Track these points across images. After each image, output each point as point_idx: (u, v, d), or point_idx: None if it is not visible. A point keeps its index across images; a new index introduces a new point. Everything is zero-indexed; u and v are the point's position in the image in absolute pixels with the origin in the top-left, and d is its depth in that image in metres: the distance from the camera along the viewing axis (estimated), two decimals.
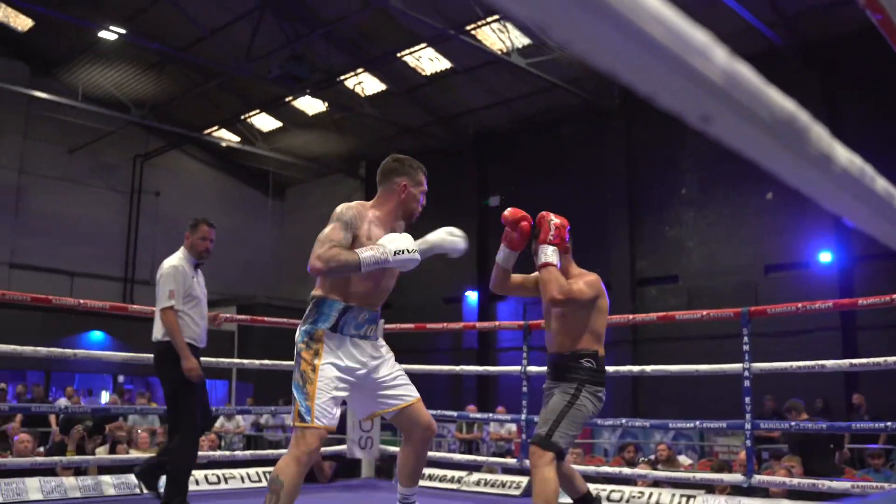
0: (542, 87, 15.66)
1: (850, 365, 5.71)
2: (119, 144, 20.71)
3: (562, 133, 16.90)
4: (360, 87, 17.48)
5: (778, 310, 5.68)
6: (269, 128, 20.23)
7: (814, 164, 0.81)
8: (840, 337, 12.51)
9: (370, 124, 18.78)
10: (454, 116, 18.10)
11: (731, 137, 0.72)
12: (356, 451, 6.90)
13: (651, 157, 15.38)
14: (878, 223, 1.01)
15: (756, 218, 13.92)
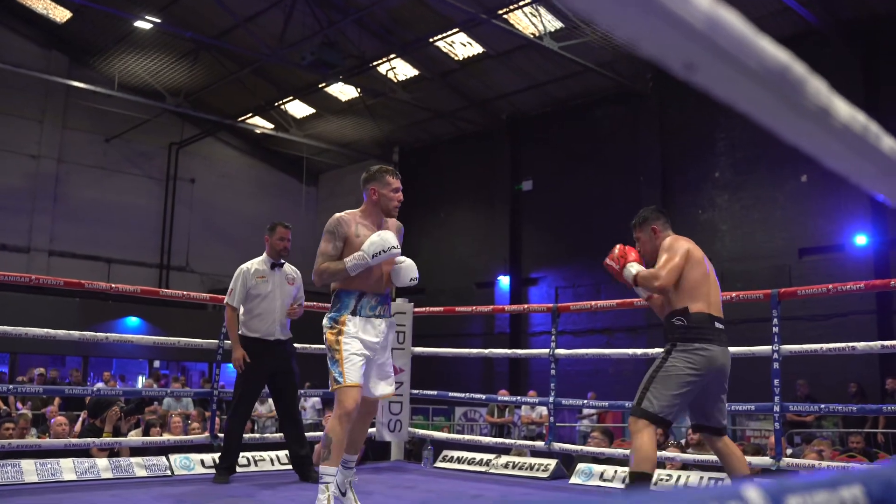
0: (575, 70, 15.55)
1: (882, 347, 5.61)
2: (154, 132, 20.90)
3: (594, 116, 16.78)
4: (393, 72, 17.47)
5: (809, 291, 5.61)
6: (302, 114, 20.30)
7: (811, 117, 0.78)
8: (875, 320, 12.33)
9: (403, 109, 18.78)
10: (487, 101, 18.03)
11: (718, 87, 0.70)
12: (385, 433, 6.92)
13: (684, 140, 15.23)
14: (885, 184, 0.98)
15: (790, 201, 13.74)
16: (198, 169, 22.06)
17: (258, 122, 20.62)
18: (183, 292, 7.17)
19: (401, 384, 6.93)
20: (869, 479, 0.74)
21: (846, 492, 0.69)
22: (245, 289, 5.56)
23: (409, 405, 7.05)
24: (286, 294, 5.67)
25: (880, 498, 0.74)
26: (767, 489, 0.59)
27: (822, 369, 11.57)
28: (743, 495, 0.56)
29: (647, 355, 6.35)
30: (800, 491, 0.63)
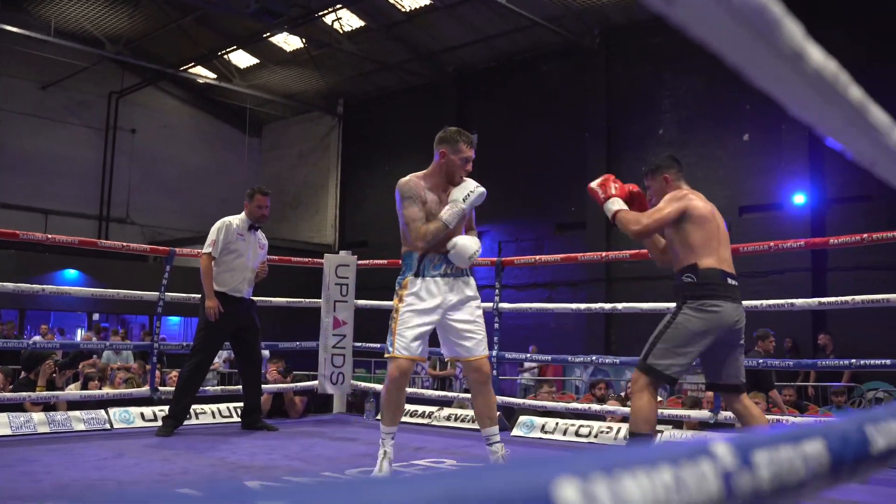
0: (523, 24, 15.45)
1: (819, 304, 5.72)
2: (93, 80, 20.33)
3: (542, 71, 16.74)
4: (339, 23, 17.18)
5: (749, 248, 5.68)
6: (246, 64, 19.91)
7: (785, 60, 0.75)
8: (810, 278, 12.60)
9: (349, 61, 18.52)
10: (434, 53, 17.86)
11: (695, 23, 0.66)
12: (327, 386, 6.91)
13: (630, 96, 15.28)
14: (847, 134, 0.96)
15: (732, 159, 13.90)
16: (139, 119, 21.57)
17: (201, 72, 20.19)
18: (122, 243, 7.03)
19: (343, 336, 6.91)
20: (828, 434, 0.73)
21: (808, 446, 0.68)
22: (226, 242, 5.71)
23: (351, 358, 7.03)
24: (256, 257, 5.88)
25: (839, 452, 0.73)
26: (735, 444, 0.57)
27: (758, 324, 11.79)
28: (712, 451, 0.54)
29: (589, 309, 6.39)
30: (765, 445, 0.61)
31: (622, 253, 6.68)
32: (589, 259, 6.93)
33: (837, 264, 12.48)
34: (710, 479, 0.51)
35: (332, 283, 6.94)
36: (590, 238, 15.05)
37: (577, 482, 0.40)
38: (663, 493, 0.46)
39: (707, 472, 0.51)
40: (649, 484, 0.45)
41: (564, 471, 0.40)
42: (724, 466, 0.53)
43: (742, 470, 0.55)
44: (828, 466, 0.70)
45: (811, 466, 0.67)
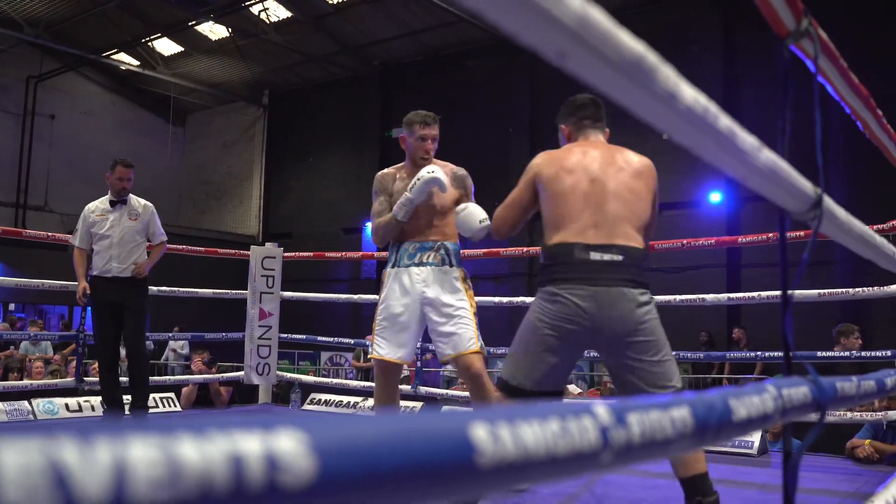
0: (449, 19, 15.62)
1: (729, 299, 6.02)
2: (10, 64, 19.81)
3: (467, 66, 16.95)
4: (266, 13, 17.12)
5: (665, 245, 5.94)
6: (170, 52, 19.66)
7: (660, 100, 0.92)
8: (725, 274, 13.06)
9: (275, 52, 18.45)
10: (360, 46, 17.91)
11: (585, 73, 0.83)
12: (253, 377, 6.99)
13: (554, 93, 15.44)
14: (721, 156, 1.14)
15: (652, 157, 14.12)
16: (58, 105, 21.10)
17: (124, 59, 19.87)
18: (47, 234, 6.99)
19: (269, 328, 7.00)
20: (695, 403, 0.90)
21: (676, 412, 0.85)
22: (86, 228, 5.66)
23: (277, 349, 7.12)
24: (126, 230, 5.65)
25: (703, 417, 0.90)
26: (612, 406, 0.73)
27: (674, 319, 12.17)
28: (593, 410, 0.70)
29: (511, 303, 6.59)
30: (638, 409, 0.78)
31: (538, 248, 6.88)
32: (511, 253, 7.13)
33: (751, 261, 12.95)
34: (591, 430, 0.67)
35: (258, 274, 7.01)
36: None
37: (487, 426, 0.56)
38: (552, 438, 0.62)
39: (588, 425, 0.67)
40: (540, 430, 0.61)
41: (477, 418, 0.56)
42: (602, 422, 0.70)
43: (617, 426, 0.72)
44: (692, 428, 0.87)
45: (677, 428, 0.84)
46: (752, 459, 4.86)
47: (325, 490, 0.42)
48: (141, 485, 0.35)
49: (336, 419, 0.46)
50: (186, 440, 0.38)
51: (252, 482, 0.39)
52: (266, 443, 0.40)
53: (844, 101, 1.99)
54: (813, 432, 1.36)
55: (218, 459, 0.38)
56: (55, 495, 0.33)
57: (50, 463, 0.34)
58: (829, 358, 5.41)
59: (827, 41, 1.64)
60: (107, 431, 0.36)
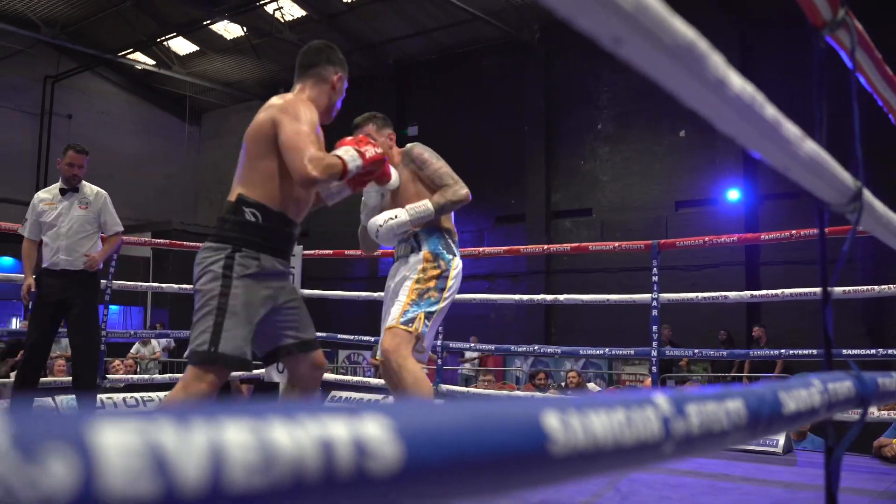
0: (463, 18, 15.61)
1: (751, 297, 5.99)
2: (28, 64, 19.93)
3: (481, 65, 16.93)
4: (280, 12, 17.15)
5: (686, 243, 5.91)
6: (185, 51, 19.73)
7: (710, 87, 0.91)
8: (744, 272, 12.99)
9: (289, 50, 18.44)
10: (374, 45, 17.92)
11: (638, 59, 0.82)
12: (273, 374, 7.00)
13: (568, 92, 15.54)
14: (765, 146, 1.12)
15: (669, 155, 14.24)
16: (75, 104, 21.21)
17: (139, 58, 19.94)
18: None
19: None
20: (747, 395, 0.89)
21: (730, 403, 0.84)
22: (35, 217, 5.29)
23: None
24: (76, 220, 5.27)
25: (756, 409, 0.89)
26: (673, 397, 0.72)
27: (691, 317, 12.15)
28: (654, 401, 0.69)
29: (532, 301, 6.56)
30: (695, 401, 0.76)
31: (563, 246, 6.86)
32: (531, 251, 7.12)
33: (770, 258, 12.89)
34: (653, 421, 0.66)
35: None
36: (529, 230, 15.31)
37: (558, 414, 0.55)
38: (618, 427, 0.61)
39: (651, 415, 0.66)
40: (607, 419, 0.60)
41: (548, 406, 0.55)
42: (663, 412, 0.69)
43: (677, 416, 0.71)
44: (746, 420, 0.86)
45: (732, 419, 0.82)
46: (778, 458, 4.82)
47: (411, 478, 0.41)
48: (237, 469, 0.34)
49: (417, 405, 0.45)
50: (278, 424, 0.37)
51: (341, 469, 0.38)
52: (353, 428, 0.39)
53: (877, 93, 1.97)
54: (855, 427, 1.34)
55: (309, 445, 0.37)
56: (156, 479, 0.32)
57: (149, 445, 0.33)
58: (866, 356, 5.36)
59: (863, 32, 1.63)
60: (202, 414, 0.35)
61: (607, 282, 12.41)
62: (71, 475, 0.30)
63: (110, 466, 0.31)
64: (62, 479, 0.30)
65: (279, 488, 0.35)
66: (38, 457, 0.30)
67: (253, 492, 0.34)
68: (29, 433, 0.30)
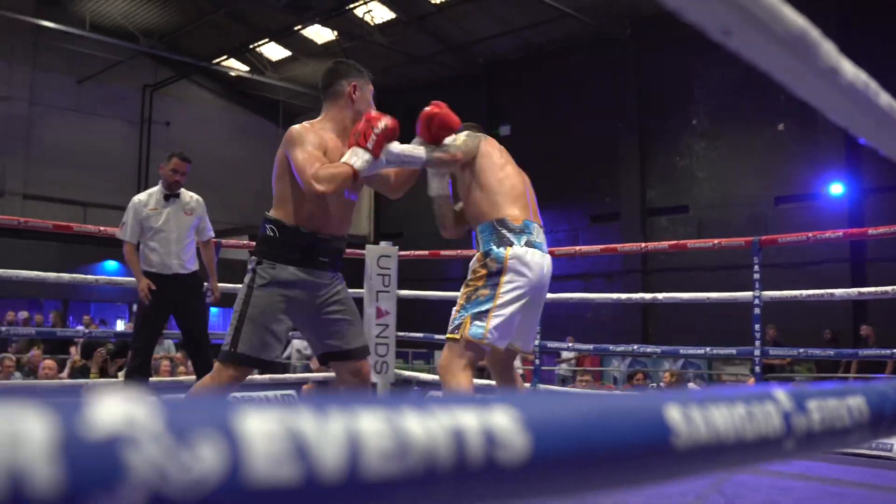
0: (553, 15, 15.53)
1: (859, 294, 5.79)
2: (128, 74, 20.65)
3: (572, 62, 16.80)
4: (370, 15, 17.34)
5: (789, 239, 5.76)
6: (278, 57, 20.14)
7: (822, 76, 0.88)
8: (849, 269, 12.59)
9: (379, 53, 18.67)
10: (464, 45, 17.97)
11: (748, 50, 0.80)
12: (371, 374, 7.07)
13: (662, 87, 15.31)
14: (880, 136, 1.09)
15: (767, 149, 13.90)
16: (172, 112, 21.87)
17: (233, 65, 20.44)
18: None
19: (386, 326, 7.06)
20: (868, 391, 0.86)
21: (851, 400, 0.81)
22: (137, 222, 5.31)
23: (394, 347, 7.18)
24: (184, 226, 5.38)
25: (878, 406, 0.86)
26: (792, 392, 0.71)
27: (793, 316, 11.83)
28: (774, 396, 0.67)
29: (630, 300, 6.49)
30: (816, 396, 0.75)
31: (661, 244, 6.75)
32: (629, 250, 7.03)
33: (876, 255, 12.46)
34: (774, 416, 0.65)
35: (374, 273, 7.08)
36: (625, 229, 15.15)
37: (680, 407, 0.54)
38: (739, 421, 0.60)
39: (771, 410, 0.65)
40: (728, 413, 0.59)
41: (671, 400, 0.54)
42: (784, 407, 0.67)
43: (798, 412, 0.69)
44: (868, 418, 0.83)
45: (854, 417, 0.80)
46: (893, 463, 4.65)
47: (539, 468, 0.41)
48: (373, 456, 0.35)
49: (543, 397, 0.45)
50: (411, 415, 0.37)
51: (472, 458, 0.38)
52: (483, 419, 0.40)
53: None
54: None
55: (441, 434, 0.38)
56: (297, 465, 0.33)
57: (290, 432, 0.34)
58: None
59: None
60: (337, 404, 0.36)
61: (705, 280, 12.17)
62: (220, 460, 0.31)
63: (255, 452, 0.32)
64: (212, 463, 0.31)
65: (413, 476, 0.36)
66: (190, 442, 0.31)
67: (388, 478, 0.35)
68: (181, 420, 0.32)
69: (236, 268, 18.18)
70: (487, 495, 0.39)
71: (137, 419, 0.31)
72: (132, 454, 0.30)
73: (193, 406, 0.33)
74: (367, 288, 7.13)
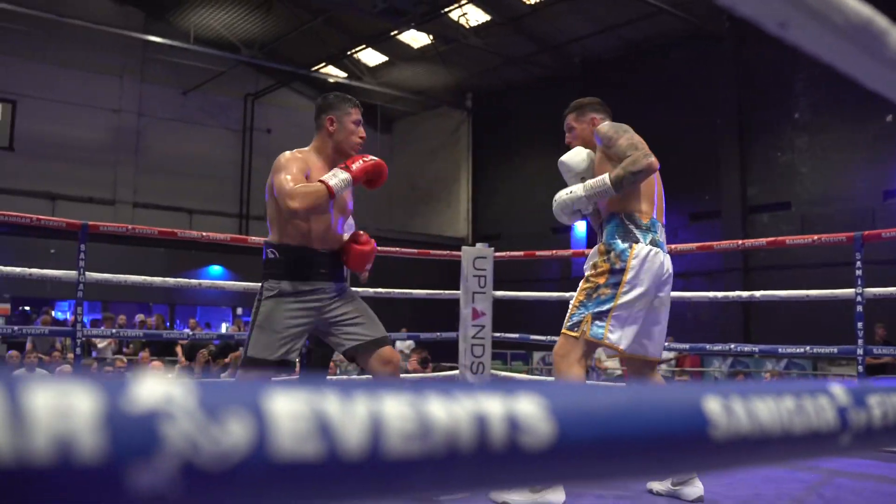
0: (649, 12, 15.33)
1: None
2: (230, 84, 21.24)
3: (669, 59, 16.55)
4: (465, 18, 17.42)
5: (893, 233, 5.56)
6: (375, 62, 20.41)
7: (892, 66, 0.87)
8: None
9: (475, 55, 18.74)
10: (559, 45, 17.89)
11: (807, 43, 0.79)
12: (467, 375, 7.10)
13: (762, 81, 14.94)
14: None
15: (874, 142, 13.42)
16: (273, 119, 22.40)
17: (331, 72, 20.79)
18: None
19: (482, 327, 7.08)
20: None
21: None
22: None
23: (490, 348, 7.20)
24: None
25: None
26: (852, 387, 0.70)
27: None
28: (830, 390, 0.67)
29: (727, 298, 6.36)
30: (880, 392, 0.74)
31: (758, 241, 6.61)
32: (725, 247, 6.90)
33: None
34: (828, 410, 0.65)
35: (470, 274, 7.10)
36: (725, 227, 14.84)
37: (721, 399, 0.55)
38: (787, 415, 0.60)
39: (825, 404, 0.65)
40: (776, 407, 0.59)
41: (711, 391, 0.55)
42: (840, 402, 0.67)
43: (856, 407, 0.68)
44: None
45: None
46: None
47: (563, 453, 0.43)
48: (394, 436, 0.38)
49: (573, 387, 0.47)
50: (435, 399, 0.40)
51: (495, 441, 0.40)
52: (508, 405, 0.41)
53: None
54: None
55: (463, 418, 0.40)
56: (320, 442, 0.36)
57: (314, 412, 0.37)
58: None
59: None
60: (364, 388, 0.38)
61: (808, 277, 11.83)
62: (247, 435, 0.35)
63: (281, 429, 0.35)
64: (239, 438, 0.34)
65: (435, 456, 0.38)
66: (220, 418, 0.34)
67: (409, 458, 0.37)
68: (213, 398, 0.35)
69: None
70: (511, 477, 0.41)
71: (174, 397, 0.35)
72: (168, 427, 0.34)
73: (226, 387, 0.36)
74: (464, 289, 7.16)
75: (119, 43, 19.30)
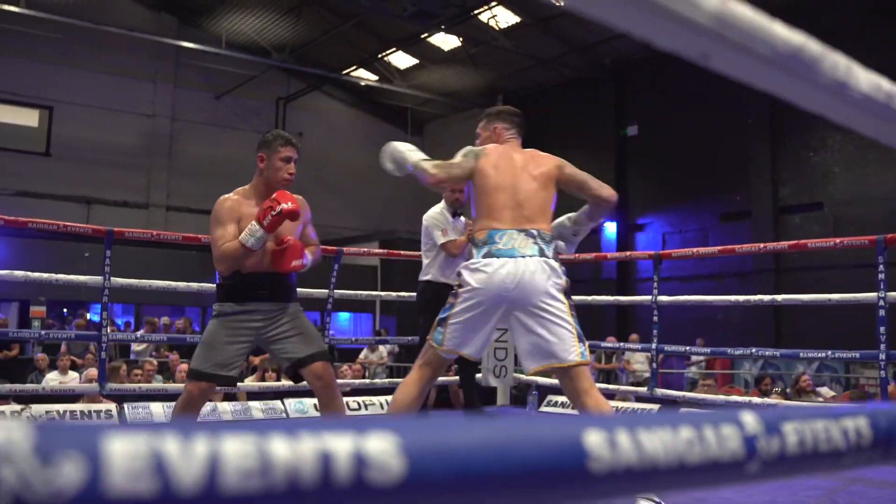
0: None
1: None
2: (262, 88, 21.42)
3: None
4: (495, 20, 17.42)
5: None
6: (405, 65, 20.47)
7: (829, 91, 0.88)
8: None
9: (506, 57, 18.74)
10: (590, 46, 17.83)
11: (734, 72, 0.81)
12: (490, 379, 7.12)
13: None
14: None
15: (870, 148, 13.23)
16: (305, 123, 22.55)
17: (362, 75, 20.89)
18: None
19: (505, 331, 7.08)
20: (876, 414, 0.85)
21: (849, 422, 0.80)
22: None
23: (513, 352, 7.20)
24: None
25: (886, 430, 0.83)
26: (765, 416, 0.72)
27: None
28: (740, 419, 0.69)
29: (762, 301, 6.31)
30: (798, 418, 0.75)
31: (780, 244, 6.56)
32: (746, 250, 6.86)
33: None
34: (733, 439, 0.66)
35: None
36: (756, 228, 14.71)
37: (603, 432, 0.57)
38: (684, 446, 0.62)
39: (731, 433, 0.66)
40: (671, 438, 0.61)
41: (594, 425, 0.57)
42: (749, 431, 0.68)
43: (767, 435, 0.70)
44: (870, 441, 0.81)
45: (850, 439, 0.78)
46: None
47: (415, 489, 0.45)
48: (232, 473, 0.40)
49: (431, 423, 0.49)
50: (278, 438, 0.42)
51: (340, 478, 0.43)
52: (357, 442, 0.44)
53: None
54: None
55: (307, 455, 0.42)
56: (155, 479, 0.39)
57: (152, 451, 0.40)
58: None
59: None
60: (208, 429, 0.41)
61: (841, 279, 11.69)
62: (79, 475, 0.38)
63: (114, 468, 0.39)
64: (71, 478, 0.38)
65: (274, 492, 0.41)
66: (53, 460, 0.38)
67: (248, 493, 0.40)
68: (48, 441, 0.38)
69: (367, 273, 18.66)
70: None
71: (13, 439, 0.38)
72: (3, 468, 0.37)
73: (65, 429, 0.39)
74: None
75: (153, 49, 19.57)
